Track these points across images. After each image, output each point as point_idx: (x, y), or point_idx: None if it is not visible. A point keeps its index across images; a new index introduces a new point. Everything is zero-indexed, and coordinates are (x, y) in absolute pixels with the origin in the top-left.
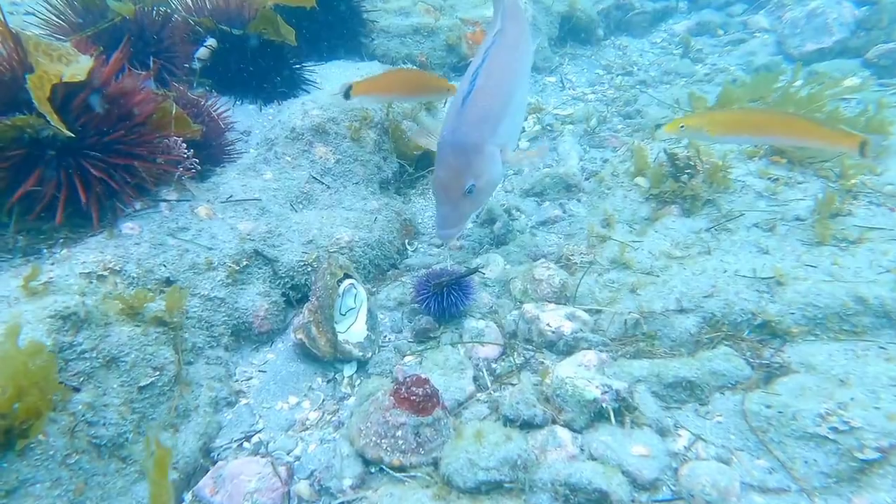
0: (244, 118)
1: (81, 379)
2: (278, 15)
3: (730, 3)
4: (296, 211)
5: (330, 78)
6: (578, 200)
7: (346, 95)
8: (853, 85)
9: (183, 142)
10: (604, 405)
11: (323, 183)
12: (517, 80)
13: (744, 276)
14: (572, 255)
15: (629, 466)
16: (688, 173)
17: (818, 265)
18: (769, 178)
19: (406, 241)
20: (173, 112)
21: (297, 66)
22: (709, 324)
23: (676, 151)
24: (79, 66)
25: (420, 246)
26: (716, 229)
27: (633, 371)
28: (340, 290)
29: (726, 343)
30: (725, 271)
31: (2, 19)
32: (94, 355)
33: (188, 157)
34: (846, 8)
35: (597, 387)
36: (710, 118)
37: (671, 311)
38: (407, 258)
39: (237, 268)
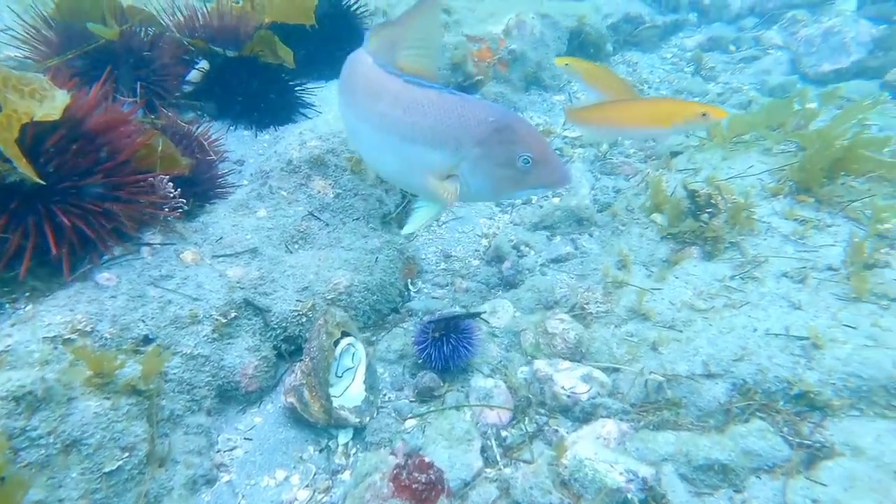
0: (238, 146)
1: (34, 471)
2: (275, 36)
3: (741, 17)
4: (291, 252)
5: (331, 101)
6: (591, 235)
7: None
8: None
9: (170, 179)
10: (628, 495)
11: (321, 220)
12: None
13: (776, 336)
14: (587, 303)
15: None
16: (708, 212)
17: (857, 326)
18: (796, 220)
19: (409, 280)
20: (160, 148)
21: (297, 88)
22: (740, 392)
23: (696, 188)
24: (53, 105)
25: (423, 286)
26: (741, 277)
27: (658, 447)
28: (337, 351)
29: (760, 415)
30: (755, 330)
31: None
32: (52, 440)
33: (174, 197)
34: (863, 26)
35: (620, 473)
36: (584, 66)
37: (698, 375)
38: (409, 301)
39: (225, 320)
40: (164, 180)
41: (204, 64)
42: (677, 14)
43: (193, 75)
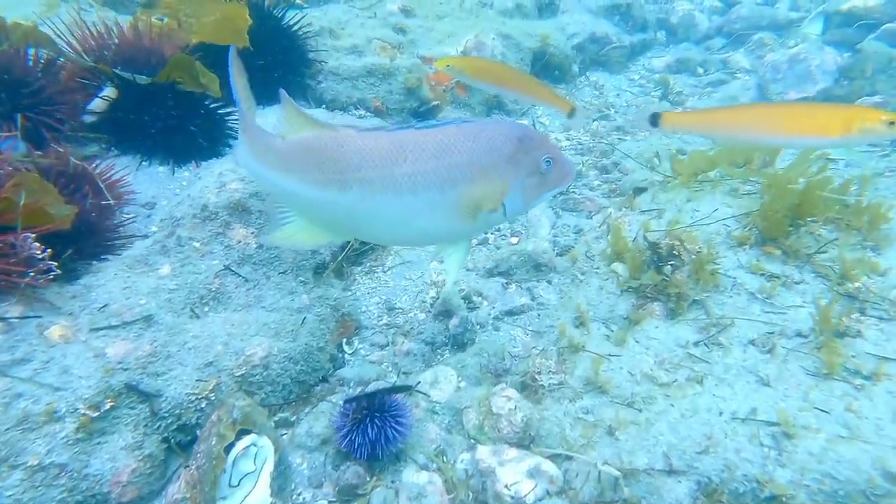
0: (149, 185)
1: None
2: (196, 60)
3: (709, 37)
4: (198, 317)
5: (268, 128)
6: (549, 283)
7: (654, 123)
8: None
9: (42, 236)
10: None
11: (240, 275)
12: None
13: (743, 421)
14: (539, 372)
15: None
16: (671, 264)
17: (830, 409)
18: (762, 275)
19: (344, 340)
20: (21, 201)
21: (227, 116)
22: (704, 492)
23: (658, 241)
24: None
25: (361, 347)
26: (706, 344)
27: None
28: (232, 457)
29: None
30: (721, 413)
31: None
32: None
33: (43, 259)
34: (829, 54)
35: None
36: (469, 63)
37: (658, 470)
38: (342, 367)
39: (95, 414)
40: (30, 240)
41: (110, 91)
42: (645, 33)
43: (96, 104)
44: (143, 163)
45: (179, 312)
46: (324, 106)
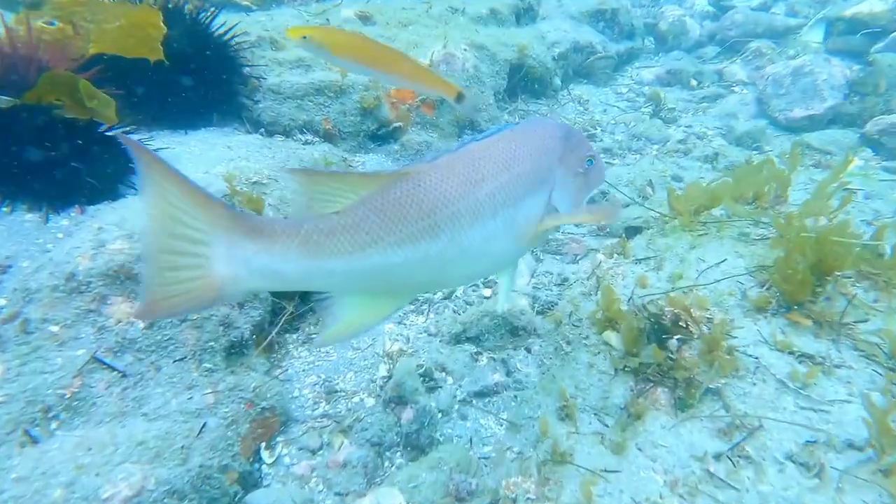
0: (6, 239)
1: None
2: (84, 78)
3: (701, 44)
4: (35, 443)
5: (186, 159)
6: (528, 351)
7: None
8: (855, 171)
9: None
10: None
11: (115, 369)
12: None
13: None
14: (515, 497)
15: None
16: (677, 338)
17: None
18: (792, 354)
19: (263, 444)
20: None
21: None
22: None
23: (659, 311)
24: None
25: (286, 452)
26: (730, 457)
27: None
28: None
29: None
30: None
31: None
32: None
33: None
34: (836, 67)
35: None
36: (333, 37)
37: None
38: (255, 487)
39: None
40: None
41: None
42: (632, 41)
43: None
44: (3, 207)
45: (6, 437)
46: (262, 130)
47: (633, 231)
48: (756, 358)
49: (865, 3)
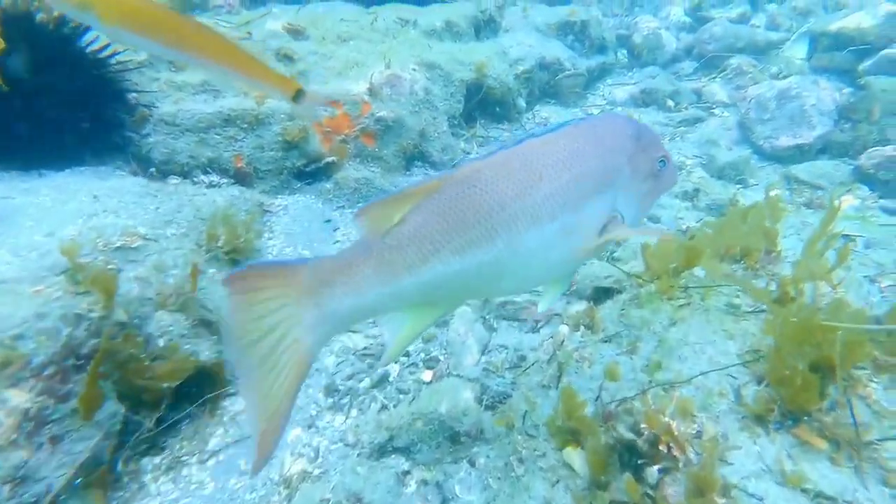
0: None
1: None
2: None
3: (677, 59)
4: None
5: (27, 215)
6: (472, 465)
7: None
8: (851, 213)
9: None
10: None
11: None
12: None
13: None
14: None
15: None
16: (658, 468)
17: None
18: (805, 493)
19: None
20: None
21: None
22: None
23: (632, 437)
24: None
25: None
26: None
27: None
28: None
29: None
30: None
31: None
32: None
33: None
34: (825, 90)
35: None
36: (121, 6)
37: None
38: None
39: None
40: None
41: None
42: (604, 55)
43: None
44: None
45: None
46: (152, 171)
47: (603, 294)
48: (760, 500)
49: (852, 18)
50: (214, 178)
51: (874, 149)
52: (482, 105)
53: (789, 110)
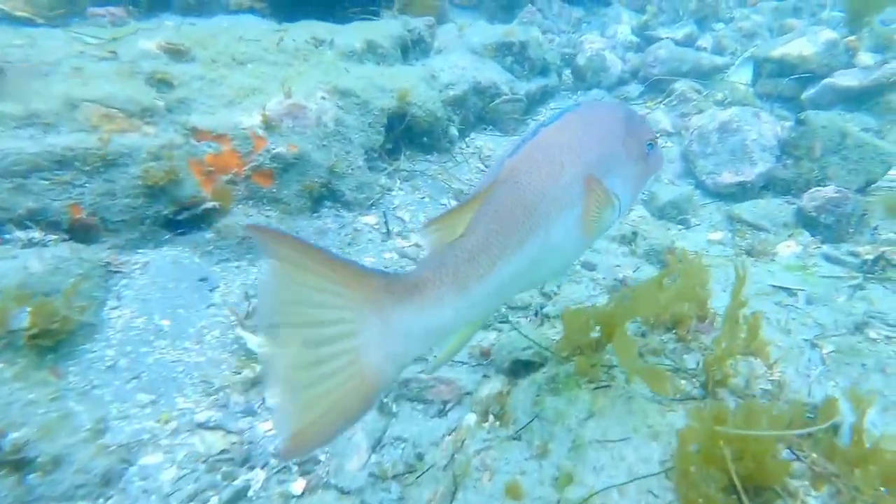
0: None
1: None
2: None
3: (623, 82)
4: None
5: None
6: None
7: None
8: (791, 261)
9: None
10: None
11: None
12: None
13: None
14: None
15: None
16: None
17: None
18: None
19: None
20: None
21: None
22: None
23: None
24: None
25: None
26: None
27: None
28: None
29: None
30: None
31: None
32: None
33: None
34: (766, 124)
35: None
36: None
37: None
38: None
39: None
40: None
41: None
42: (546, 78)
43: None
44: None
45: None
46: None
47: (522, 368)
48: None
49: (794, 44)
50: (36, 234)
51: (815, 189)
52: (408, 135)
53: (731, 145)
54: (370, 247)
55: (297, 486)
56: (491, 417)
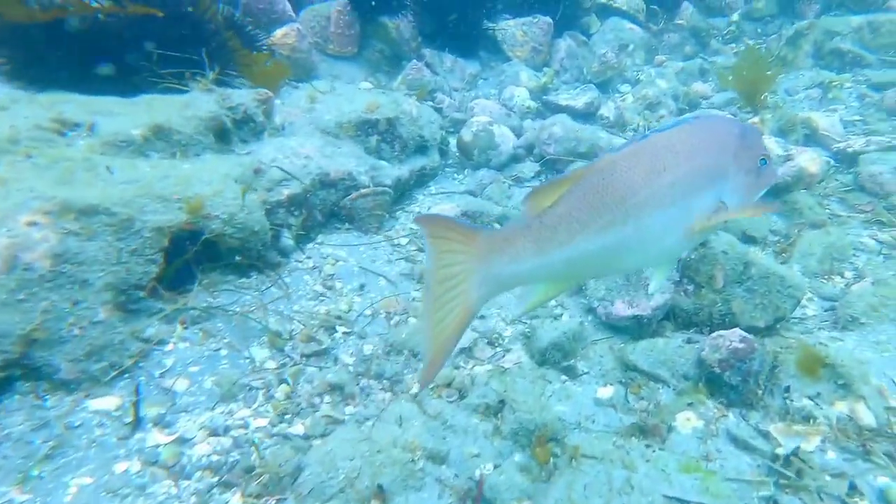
0: None
1: None
2: None
3: (517, 158)
4: None
5: None
6: None
7: None
8: (691, 445)
9: None
10: None
11: None
12: None
13: None
14: None
15: None
16: None
17: None
18: None
19: None
20: None
21: None
22: None
23: None
24: None
25: None
26: None
27: None
28: None
29: None
30: None
31: None
32: None
33: None
34: None
35: None
36: None
37: None
38: None
39: None
40: None
41: None
42: (425, 156)
43: None
44: None
45: None
46: None
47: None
48: None
49: None
50: None
51: (718, 335)
52: (210, 255)
53: None
54: (91, 455)
55: None
56: None
